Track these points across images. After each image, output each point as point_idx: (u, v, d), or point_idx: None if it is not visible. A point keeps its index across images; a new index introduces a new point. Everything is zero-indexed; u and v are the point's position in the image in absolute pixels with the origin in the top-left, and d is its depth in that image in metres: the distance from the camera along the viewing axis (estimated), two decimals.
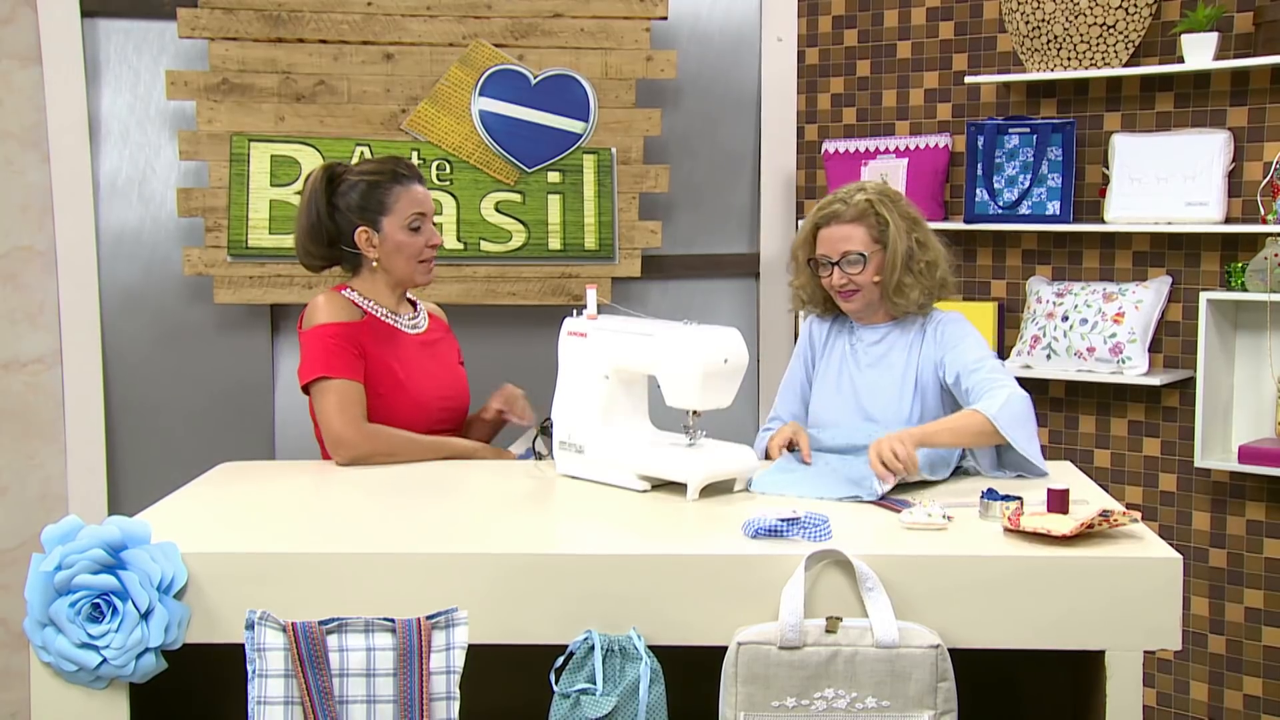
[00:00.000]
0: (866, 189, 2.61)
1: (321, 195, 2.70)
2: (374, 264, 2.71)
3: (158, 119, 3.78)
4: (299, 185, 3.63)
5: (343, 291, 2.72)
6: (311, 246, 2.73)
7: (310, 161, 3.64)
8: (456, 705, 1.86)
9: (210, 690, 2.11)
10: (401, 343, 2.74)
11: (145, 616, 1.87)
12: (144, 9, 3.72)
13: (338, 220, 2.70)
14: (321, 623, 1.86)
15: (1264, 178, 3.27)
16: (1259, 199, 3.27)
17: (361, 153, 3.66)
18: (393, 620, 1.87)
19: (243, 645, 1.86)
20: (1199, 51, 3.26)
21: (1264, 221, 3.23)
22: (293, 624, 1.85)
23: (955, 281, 2.67)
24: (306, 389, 2.66)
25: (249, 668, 1.85)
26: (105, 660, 1.88)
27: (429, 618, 1.87)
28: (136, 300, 3.80)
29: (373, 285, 2.74)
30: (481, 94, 3.71)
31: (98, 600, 1.88)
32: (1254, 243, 3.28)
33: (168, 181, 3.78)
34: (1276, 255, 3.14)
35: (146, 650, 1.88)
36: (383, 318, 2.73)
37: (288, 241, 3.64)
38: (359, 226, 2.68)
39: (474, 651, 1.88)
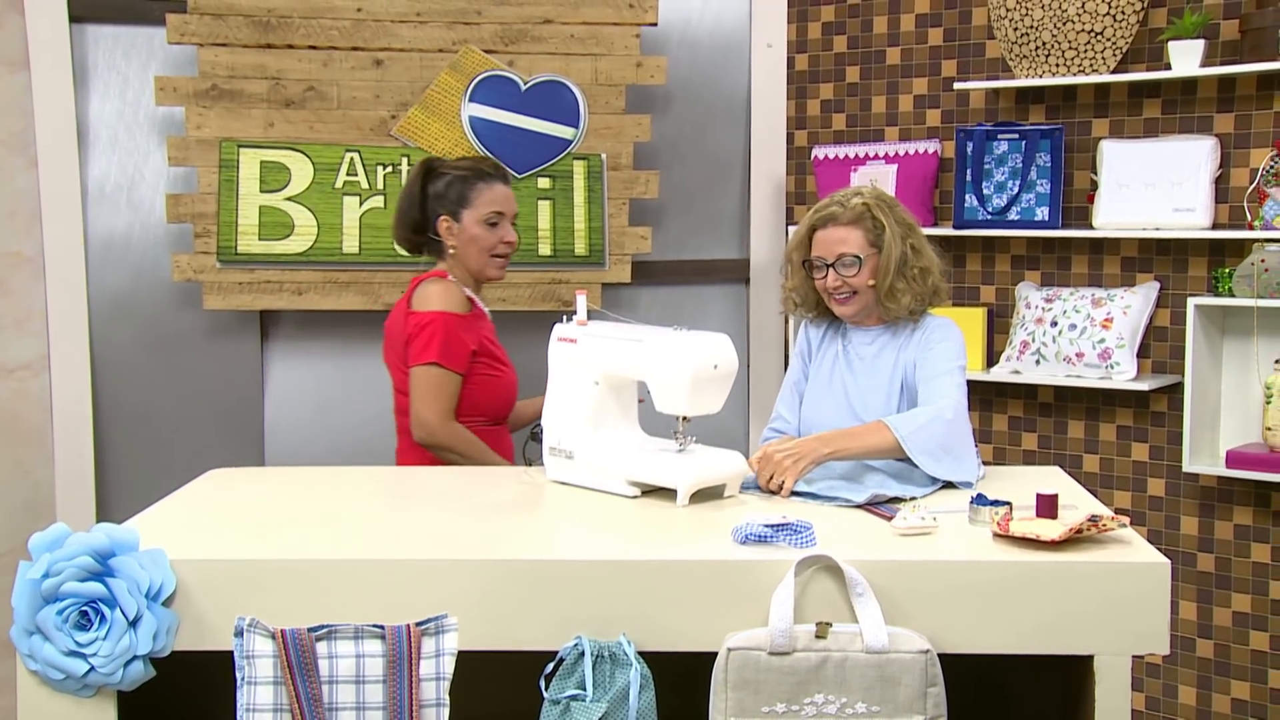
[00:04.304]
0: (863, 193, 2.62)
1: (417, 184, 2.95)
2: (451, 251, 2.91)
3: (146, 124, 3.77)
4: (289, 191, 3.64)
5: (449, 279, 2.89)
6: (400, 230, 2.99)
7: (300, 167, 3.64)
8: (446, 712, 1.86)
9: (199, 698, 2.10)
10: (490, 329, 2.97)
11: (133, 624, 1.87)
12: (132, 14, 3.72)
13: (425, 208, 2.93)
14: (311, 629, 1.86)
15: (1250, 184, 3.28)
16: (1245, 205, 3.28)
17: (351, 159, 3.66)
18: (382, 627, 1.86)
19: (231, 652, 1.86)
20: (1186, 58, 3.28)
21: (1250, 227, 3.24)
22: (282, 631, 1.85)
23: (947, 289, 2.67)
24: (409, 363, 2.80)
25: (238, 675, 1.85)
26: (93, 668, 1.87)
27: (419, 624, 1.87)
28: (125, 306, 3.79)
29: (455, 273, 2.93)
30: (471, 100, 3.71)
31: (85, 608, 1.87)
32: (1241, 248, 3.30)
33: (157, 187, 3.77)
34: (1263, 261, 3.15)
35: (135, 658, 1.88)
36: (480, 304, 2.95)
37: (278, 247, 3.65)
38: (441, 215, 2.91)
39: (464, 658, 1.88)
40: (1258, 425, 3.31)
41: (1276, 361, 3.18)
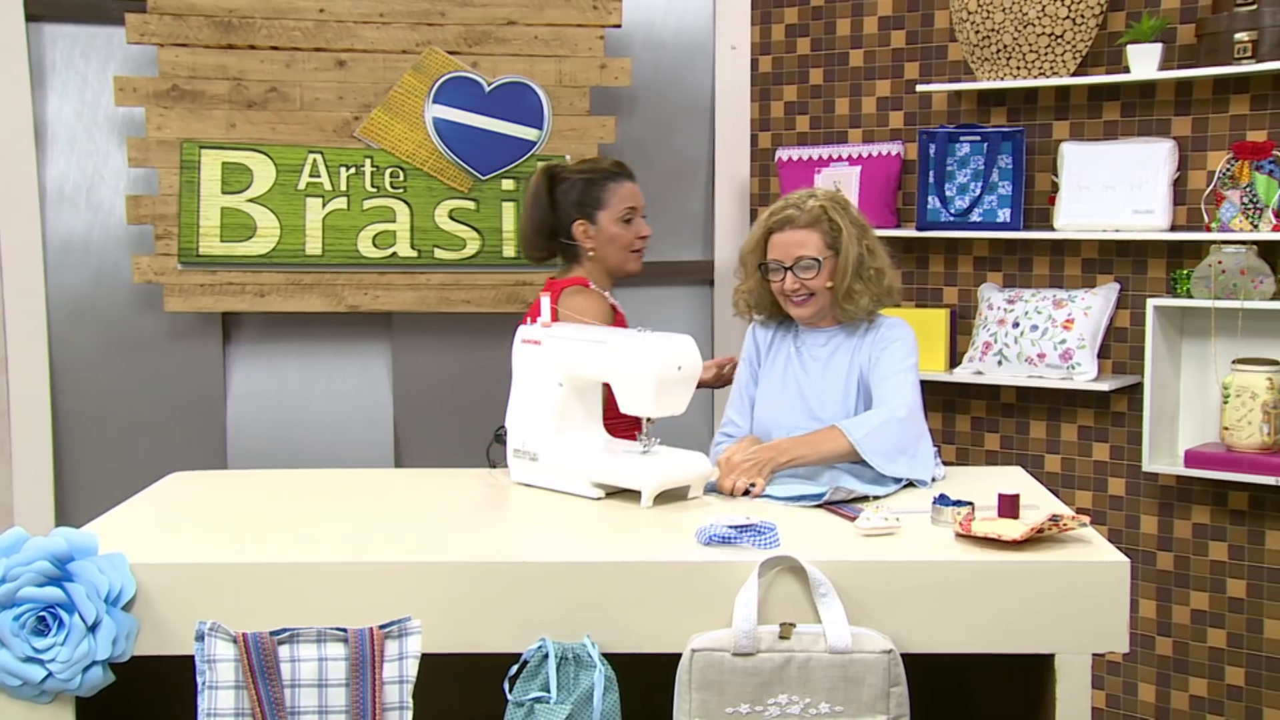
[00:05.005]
0: (818, 195, 2.63)
1: (544, 192, 2.99)
2: (590, 254, 2.98)
3: (106, 125, 3.73)
4: (251, 192, 3.61)
5: (591, 286, 2.94)
6: (536, 240, 3.04)
7: (262, 169, 3.62)
8: (410, 715, 1.85)
9: (160, 703, 2.09)
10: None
11: (92, 629, 1.85)
12: (91, 14, 3.68)
13: (558, 215, 2.99)
14: (273, 633, 1.85)
15: (1207, 186, 3.32)
16: (1203, 207, 3.32)
17: (314, 160, 3.64)
18: (345, 630, 1.85)
19: (193, 657, 1.84)
20: (1144, 62, 3.32)
21: (1208, 229, 3.28)
22: (243, 635, 1.83)
23: (900, 289, 2.69)
24: None
25: (199, 679, 1.83)
26: (51, 674, 1.85)
27: (382, 627, 1.86)
28: (85, 309, 3.75)
29: (594, 275, 2.99)
30: (435, 101, 3.70)
31: (43, 613, 1.85)
32: (1199, 250, 3.34)
33: (116, 188, 3.74)
34: (1220, 263, 3.19)
35: (94, 663, 1.86)
36: (619, 307, 3.01)
37: (240, 249, 3.62)
38: (577, 219, 2.97)
39: (427, 661, 1.88)
40: (1216, 425, 3.35)
41: (1234, 362, 3.22)
